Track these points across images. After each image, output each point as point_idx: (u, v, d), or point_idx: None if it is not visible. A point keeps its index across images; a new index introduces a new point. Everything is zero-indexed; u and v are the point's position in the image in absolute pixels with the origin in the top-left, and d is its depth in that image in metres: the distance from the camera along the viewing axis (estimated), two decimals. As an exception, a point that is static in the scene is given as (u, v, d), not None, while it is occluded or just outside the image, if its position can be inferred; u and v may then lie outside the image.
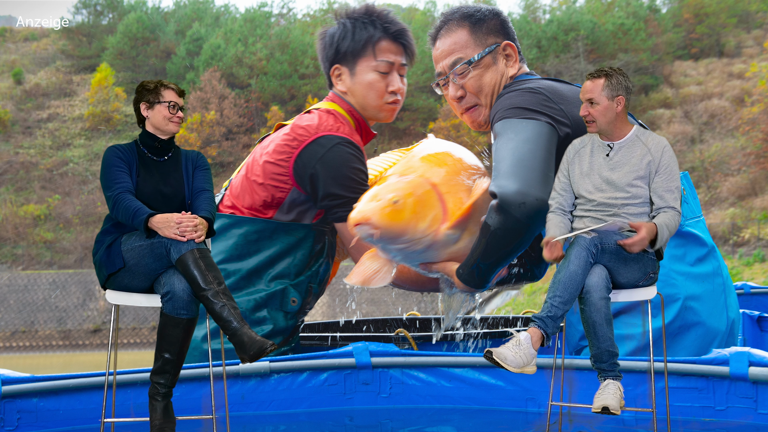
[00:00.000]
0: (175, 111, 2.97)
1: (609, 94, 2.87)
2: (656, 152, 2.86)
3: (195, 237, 2.79)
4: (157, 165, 2.98)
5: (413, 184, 3.23)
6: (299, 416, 3.45)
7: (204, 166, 3.06)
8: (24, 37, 56.82)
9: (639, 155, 2.87)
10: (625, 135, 2.91)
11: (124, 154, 2.94)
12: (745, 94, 39.74)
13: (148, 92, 2.97)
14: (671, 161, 2.87)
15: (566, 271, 2.73)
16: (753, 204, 33.29)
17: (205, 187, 3.00)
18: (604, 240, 2.79)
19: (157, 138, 2.98)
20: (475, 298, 3.65)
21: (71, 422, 3.26)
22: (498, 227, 3.02)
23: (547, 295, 2.76)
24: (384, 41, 3.88)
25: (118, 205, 2.83)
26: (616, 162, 2.88)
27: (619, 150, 2.90)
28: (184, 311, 2.80)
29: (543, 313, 2.73)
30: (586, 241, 2.77)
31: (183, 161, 3.03)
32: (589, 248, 2.75)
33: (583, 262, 2.73)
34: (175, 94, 2.98)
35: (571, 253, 2.76)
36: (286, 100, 47.18)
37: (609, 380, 2.76)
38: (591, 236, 2.80)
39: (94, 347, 33.08)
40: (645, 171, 2.85)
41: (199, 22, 54.12)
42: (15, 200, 42.72)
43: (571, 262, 2.74)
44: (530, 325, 2.75)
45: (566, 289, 2.72)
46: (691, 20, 50.38)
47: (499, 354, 2.67)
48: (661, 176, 2.84)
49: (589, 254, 2.74)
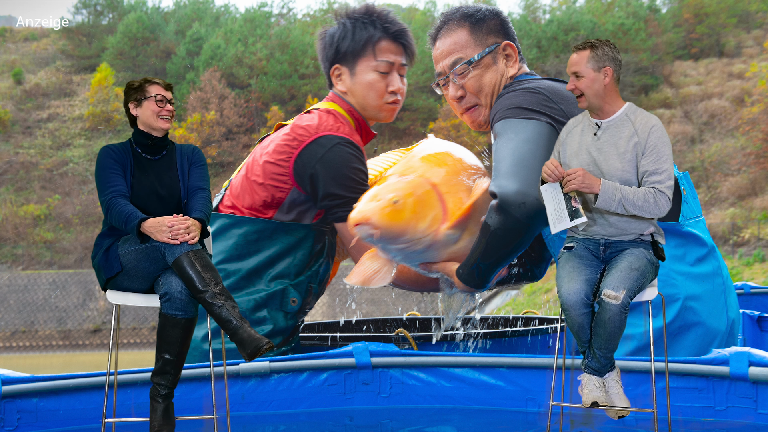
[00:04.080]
0: (163, 104, 2.91)
1: (595, 66, 2.79)
2: (643, 133, 2.76)
3: (188, 239, 2.77)
4: (152, 164, 2.95)
5: (413, 184, 3.23)
6: (299, 416, 3.45)
7: (200, 162, 3.01)
8: (24, 37, 56.79)
9: (626, 136, 2.77)
10: (615, 112, 2.82)
11: (118, 155, 2.91)
12: (745, 94, 39.71)
13: (134, 90, 2.94)
14: (659, 142, 2.75)
15: (570, 323, 2.72)
16: (753, 204, 33.27)
17: (201, 185, 2.96)
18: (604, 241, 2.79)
19: (150, 136, 2.95)
20: (475, 298, 3.65)
21: (71, 422, 3.26)
22: (498, 227, 3.02)
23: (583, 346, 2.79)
24: (384, 41, 3.88)
25: (111, 210, 2.82)
26: (603, 142, 2.80)
27: (606, 129, 2.81)
28: (182, 312, 2.79)
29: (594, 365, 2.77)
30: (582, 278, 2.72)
31: (178, 158, 2.99)
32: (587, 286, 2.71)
33: (582, 309, 2.70)
34: (161, 87, 2.93)
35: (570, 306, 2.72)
36: (286, 100, 47.15)
37: (586, 374, 2.79)
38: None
39: (94, 347, 33.07)
40: (631, 154, 2.75)
41: (199, 22, 54.09)
42: (15, 200, 42.71)
43: (569, 316, 2.72)
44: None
45: (579, 336, 2.74)
46: (691, 20, 50.35)
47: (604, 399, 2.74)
48: (647, 158, 2.74)
49: (587, 298, 2.71)
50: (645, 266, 2.74)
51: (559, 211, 2.75)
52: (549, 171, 2.76)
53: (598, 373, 2.77)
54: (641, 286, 2.72)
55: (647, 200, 2.69)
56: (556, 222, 2.77)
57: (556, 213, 2.76)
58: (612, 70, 2.81)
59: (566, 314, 2.71)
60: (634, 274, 2.69)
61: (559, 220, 2.76)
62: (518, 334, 4.21)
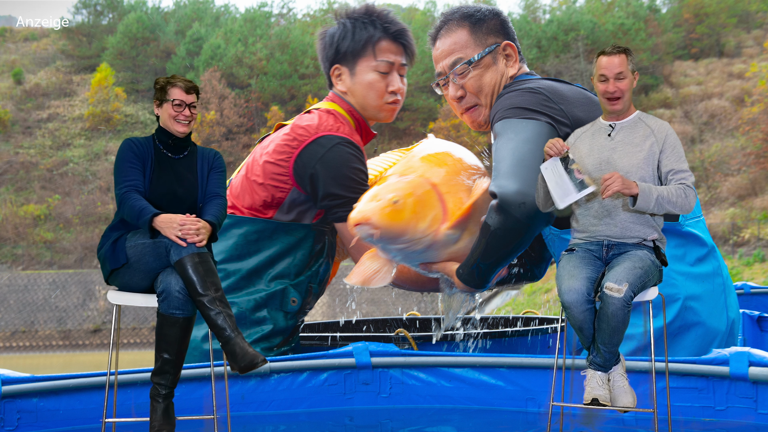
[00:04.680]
0: (180, 109, 2.91)
1: (632, 68, 2.87)
2: (660, 134, 2.82)
3: (196, 241, 2.77)
4: (173, 163, 2.94)
5: (413, 184, 3.23)
6: (299, 416, 3.45)
7: (220, 168, 3.00)
8: (24, 37, 56.80)
9: (642, 135, 2.83)
10: (629, 115, 2.89)
11: (139, 149, 2.91)
12: (745, 94, 39.72)
13: (158, 90, 2.95)
14: (677, 143, 2.82)
15: (573, 321, 2.72)
16: (753, 204, 33.27)
17: (218, 192, 2.96)
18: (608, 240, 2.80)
19: (171, 135, 2.95)
20: (475, 298, 3.65)
21: (71, 422, 3.26)
22: (498, 227, 3.02)
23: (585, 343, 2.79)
24: (384, 41, 3.88)
25: (125, 203, 2.82)
26: (618, 141, 2.84)
27: (620, 130, 2.87)
28: (179, 310, 2.78)
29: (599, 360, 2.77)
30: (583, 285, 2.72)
31: (199, 162, 2.98)
32: (587, 287, 2.72)
33: (583, 307, 2.70)
34: (181, 91, 2.91)
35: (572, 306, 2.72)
36: (286, 100, 47.17)
37: (590, 370, 2.79)
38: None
39: (94, 347, 33.07)
40: (648, 152, 2.80)
41: (199, 22, 54.11)
42: (15, 200, 42.71)
43: (572, 316, 2.72)
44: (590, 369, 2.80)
45: (582, 333, 2.74)
46: (691, 20, 50.37)
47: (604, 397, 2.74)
48: (669, 158, 2.79)
49: (588, 293, 2.71)
50: (648, 266, 2.75)
51: (563, 186, 2.73)
52: (551, 145, 2.79)
53: (603, 369, 2.77)
54: (644, 284, 2.72)
55: (680, 196, 2.73)
56: (562, 197, 2.73)
57: (561, 188, 2.73)
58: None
59: (567, 312, 2.71)
60: (638, 271, 2.70)
61: (565, 194, 2.73)
62: (518, 334, 4.20)
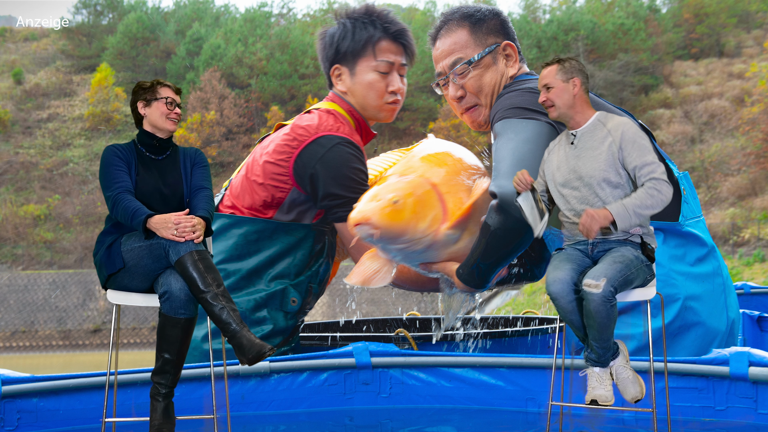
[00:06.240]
0: (172, 107, 2.97)
1: (563, 77, 2.89)
2: (616, 132, 2.83)
3: (193, 237, 2.79)
4: (156, 163, 2.98)
5: (413, 184, 3.23)
6: (299, 416, 3.45)
7: (202, 163, 3.06)
8: (24, 37, 56.81)
9: (600, 138, 2.85)
10: (588, 120, 2.91)
11: (123, 153, 2.95)
12: (745, 94, 39.74)
13: (145, 90, 2.98)
14: (635, 136, 2.81)
15: (561, 312, 2.75)
16: (753, 204, 33.29)
17: (203, 185, 3.00)
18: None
19: (155, 136, 2.99)
20: (475, 298, 3.65)
21: (71, 422, 3.26)
22: (498, 227, 3.03)
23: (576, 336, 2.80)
24: (384, 41, 3.88)
25: (117, 205, 2.84)
26: (581, 148, 2.86)
27: (581, 136, 2.89)
28: (182, 311, 2.79)
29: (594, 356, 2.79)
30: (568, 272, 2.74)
31: (181, 159, 3.03)
32: (572, 276, 2.74)
33: (569, 297, 2.72)
34: (172, 91, 3.00)
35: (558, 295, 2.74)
36: (286, 100, 47.17)
37: (589, 368, 2.79)
38: None
39: (94, 347, 33.08)
40: (607, 153, 2.81)
41: (199, 22, 54.11)
42: (15, 200, 42.72)
43: (560, 306, 2.74)
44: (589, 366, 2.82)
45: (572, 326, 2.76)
46: (691, 20, 50.38)
47: None
48: (631, 154, 2.78)
49: (573, 283, 2.73)
50: (630, 261, 2.75)
51: (535, 217, 2.83)
52: (517, 181, 2.83)
53: (600, 364, 2.78)
54: (627, 278, 2.73)
55: (652, 195, 2.72)
56: (537, 227, 2.84)
57: (534, 219, 2.84)
58: (580, 80, 2.91)
59: (555, 304, 2.75)
60: (618, 266, 2.71)
61: (539, 224, 2.84)
62: (518, 334, 4.21)
